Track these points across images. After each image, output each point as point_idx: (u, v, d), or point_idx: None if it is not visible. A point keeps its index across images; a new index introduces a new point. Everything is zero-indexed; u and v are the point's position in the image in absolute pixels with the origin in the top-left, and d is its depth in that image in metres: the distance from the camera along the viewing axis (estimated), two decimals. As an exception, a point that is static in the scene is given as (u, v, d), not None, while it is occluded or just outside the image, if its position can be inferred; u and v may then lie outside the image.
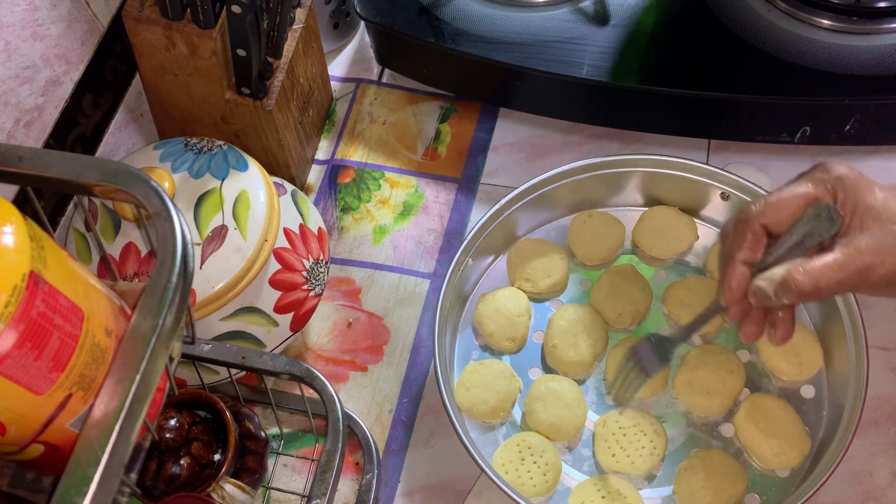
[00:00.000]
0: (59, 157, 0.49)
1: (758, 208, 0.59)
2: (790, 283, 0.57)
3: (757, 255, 0.59)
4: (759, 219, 0.59)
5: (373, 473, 0.76)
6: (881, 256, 0.56)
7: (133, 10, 0.74)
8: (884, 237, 0.56)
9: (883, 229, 0.56)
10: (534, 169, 0.86)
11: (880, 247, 0.56)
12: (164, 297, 0.45)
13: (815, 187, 0.58)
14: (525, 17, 0.88)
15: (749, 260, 0.60)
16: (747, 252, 0.59)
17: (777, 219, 0.59)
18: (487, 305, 0.80)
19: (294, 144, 0.86)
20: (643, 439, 0.74)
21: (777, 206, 0.58)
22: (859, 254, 0.56)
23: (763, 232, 0.59)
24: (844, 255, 0.56)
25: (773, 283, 0.57)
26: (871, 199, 0.57)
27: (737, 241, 0.60)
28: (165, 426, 0.63)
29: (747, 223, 0.59)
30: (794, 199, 0.58)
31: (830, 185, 0.58)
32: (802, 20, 0.84)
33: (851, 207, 0.57)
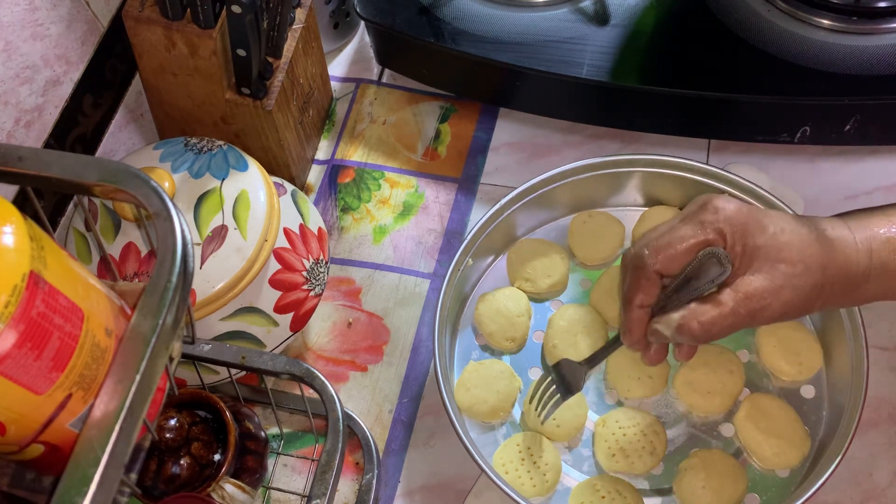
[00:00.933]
0: (58, 157, 0.49)
1: (649, 254, 0.61)
2: (685, 330, 0.60)
3: (652, 299, 0.62)
4: (652, 266, 0.61)
5: (373, 473, 0.76)
6: (769, 298, 0.58)
7: (133, 10, 0.74)
8: (771, 279, 0.58)
9: (771, 271, 0.58)
10: (534, 169, 0.86)
11: (768, 290, 0.58)
12: (164, 297, 0.45)
13: (703, 232, 0.60)
14: (525, 17, 0.88)
15: (646, 304, 0.62)
16: (642, 296, 0.62)
17: (669, 265, 0.61)
18: (487, 305, 0.80)
19: (294, 144, 0.86)
20: (643, 439, 0.74)
21: (667, 252, 0.60)
22: (748, 299, 0.58)
23: (657, 276, 0.61)
24: (734, 300, 0.59)
25: (671, 328, 0.61)
26: (761, 237, 0.59)
27: (633, 286, 0.62)
28: (165, 426, 0.63)
29: (642, 270, 0.61)
30: (683, 244, 0.60)
31: (719, 227, 0.59)
32: (802, 20, 0.84)
33: (741, 249, 0.59)
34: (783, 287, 0.58)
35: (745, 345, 0.79)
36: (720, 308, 0.59)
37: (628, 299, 0.63)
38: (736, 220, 0.59)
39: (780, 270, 0.58)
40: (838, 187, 0.87)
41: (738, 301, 0.58)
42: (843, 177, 0.88)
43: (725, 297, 0.59)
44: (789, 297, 0.58)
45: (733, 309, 0.58)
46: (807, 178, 0.88)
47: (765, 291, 0.58)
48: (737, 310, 0.58)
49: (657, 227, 0.62)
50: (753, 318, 0.59)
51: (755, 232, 0.59)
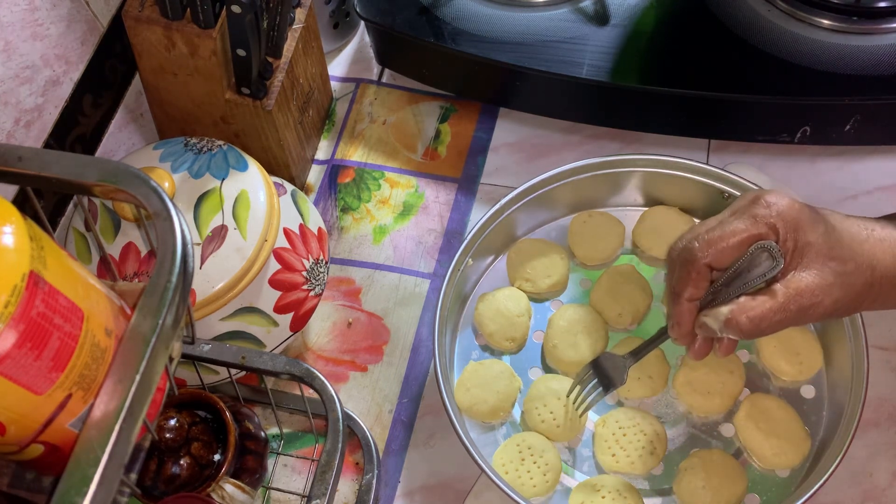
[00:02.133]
0: (58, 157, 0.49)
1: (700, 247, 0.60)
2: (734, 325, 0.59)
3: (701, 293, 0.62)
4: (703, 259, 0.60)
5: (373, 473, 0.76)
6: (820, 296, 0.58)
7: (133, 10, 0.74)
8: (823, 276, 0.58)
9: (822, 268, 0.58)
10: (534, 169, 0.86)
11: (819, 286, 0.58)
12: (164, 297, 0.45)
13: (755, 226, 0.59)
14: (525, 17, 0.88)
15: (694, 297, 0.62)
16: (692, 290, 0.62)
17: (719, 258, 0.60)
18: (487, 305, 0.80)
19: (294, 144, 0.86)
20: (643, 439, 0.74)
21: (718, 245, 0.60)
22: (799, 295, 0.58)
23: (707, 270, 0.61)
24: (785, 296, 0.58)
25: (719, 321, 0.60)
26: (812, 235, 0.58)
27: (682, 279, 0.62)
28: (165, 426, 0.63)
29: (692, 263, 0.61)
30: (735, 238, 0.59)
31: (772, 221, 0.59)
32: (802, 20, 0.84)
33: (792, 245, 0.59)
34: (834, 284, 0.58)
35: (745, 345, 0.79)
36: (770, 303, 0.58)
37: (677, 292, 0.62)
38: (788, 215, 0.59)
39: (832, 268, 0.58)
40: (838, 187, 0.87)
41: (788, 297, 0.58)
42: (843, 177, 0.88)
43: (776, 292, 0.58)
44: (840, 296, 0.58)
45: (783, 305, 0.58)
46: (807, 178, 0.88)
47: (816, 288, 0.58)
48: (787, 306, 0.58)
49: (706, 222, 0.62)
50: (803, 315, 0.58)
51: (807, 228, 0.58)
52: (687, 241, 0.61)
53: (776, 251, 0.58)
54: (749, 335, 0.60)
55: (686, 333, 0.63)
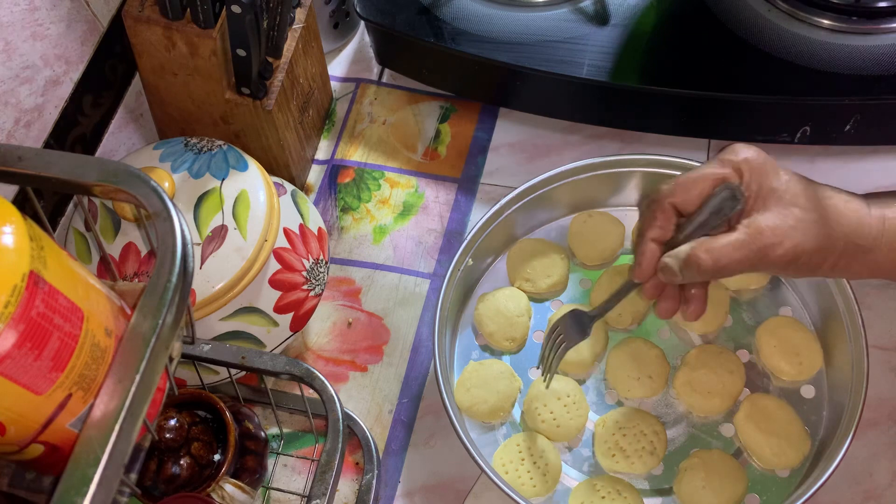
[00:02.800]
0: (58, 157, 0.49)
1: (668, 188, 0.61)
2: (693, 261, 0.59)
3: (667, 234, 0.62)
4: (669, 198, 0.61)
5: (373, 473, 0.76)
6: (780, 236, 0.58)
7: (133, 10, 0.74)
8: (783, 218, 0.58)
9: (783, 210, 0.58)
10: (534, 169, 0.86)
11: (780, 227, 0.58)
12: (164, 297, 0.45)
13: (721, 168, 0.60)
14: (525, 17, 0.88)
15: (659, 238, 0.62)
16: (657, 230, 0.62)
17: (686, 198, 0.60)
18: (487, 305, 0.80)
19: (294, 144, 0.86)
20: (643, 439, 0.74)
21: (686, 185, 0.60)
22: (759, 233, 0.58)
23: (673, 211, 0.61)
24: (745, 234, 0.58)
25: (679, 260, 0.60)
26: (776, 181, 0.59)
27: (648, 220, 0.62)
28: (165, 426, 0.64)
29: (658, 203, 0.61)
30: (702, 179, 0.60)
31: (737, 165, 0.60)
32: (802, 20, 0.84)
33: (756, 188, 0.59)
34: (795, 227, 0.58)
35: (745, 345, 0.79)
36: (730, 238, 0.58)
37: (642, 232, 0.62)
38: (754, 161, 0.59)
39: (794, 213, 0.58)
40: (838, 187, 0.87)
41: (749, 234, 0.58)
42: (843, 177, 0.88)
43: (737, 230, 0.59)
44: (800, 240, 0.58)
45: (744, 242, 0.58)
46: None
47: (776, 228, 0.58)
48: (748, 243, 0.58)
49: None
50: (764, 255, 0.58)
51: (771, 175, 0.59)
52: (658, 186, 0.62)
53: (738, 191, 0.59)
54: (709, 274, 0.59)
55: (648, 275, 0.63)
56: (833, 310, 0.75)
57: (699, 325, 0.79)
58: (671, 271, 0.60)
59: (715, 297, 0.79)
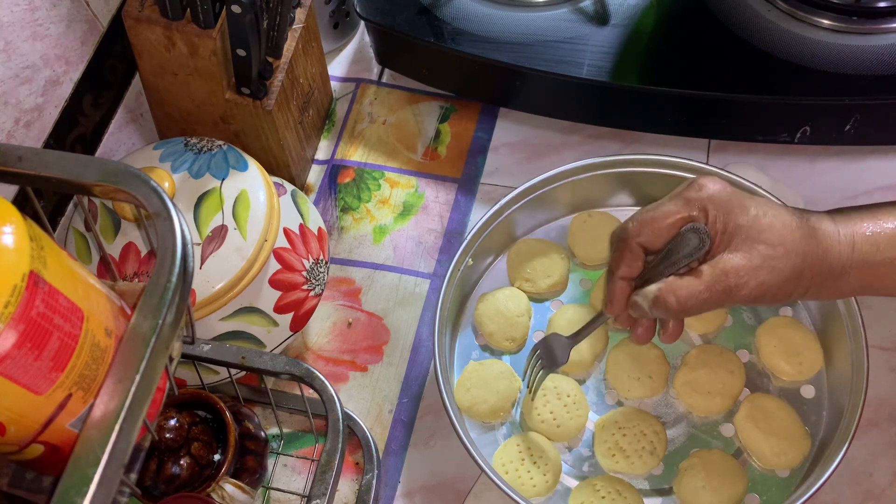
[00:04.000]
0: (58, 157, 0.49)
1: (633, 227, 0.62)
2: (661, 302, 0.60)
3: (635, 271, 0.63)
4: (635, 238, 0.62)
5: (373, 473, 0.76)
6: (745, 277, 0.59)
7: (133, 10, 0.74)
8: (749, 259, 0.59)
9: (749, 251, 0.59)
10: (534, 169, 0.86)
11: (745, 268, 0.59)
12: (164, 297, 0.45)
13: (687, 207, 0.61)
14: (525, 17, 0.88)
15: (627, 276, 0.63)
16: (625, 269, 0.63)
17: (651, 238, 0.61)
18: (487, 305, 0.80)
19: (294, 144, 0.86)
20: (643, 439, 0.74)
21: (651, 226, 0.61)
22: (724, 275, 0.59)
23: (640, 249, 0.62)
24: (711, 276, 0.59)
25: (648, 300, 0.61)
26: (743, 217, 0.59)
27: (616, 259, 0.63)
28: (165, 426, 0.64)
29: (624, 242, 0.62)
30: (667, 219, 0.61)
31: (702, 204, 0.60)
32: (802, 20, 0.84)
33: (722, 227, 0.60)
34: (761, 267, 0.58)
35: (745, 345, 0.79)
36: (696, 283, 0.59)
37: (612, 271, 0.64)
38: (719, 198, 0.60)
39: (759, 251, 0.59)
40: (838, 187, 0.87)
41: (715, 276, 0.59)
42: (843, 177, 0.88)
43: (703, 271, 0.59)
44: (766, 278, 0.59)
45: (709, 284, 0.59)
46: (807, 178, 0.88)
47: (741, 269, 0.58)
48: (713, 285, 0.59)
49: (647, 206, 0.63)
50: (729, 296, 0.59)
51: (737, 211, 0.59)
52: (624, 222, 0.63)
53: (704, 232, 0.60)
54: (676, 314, 0.61)
55: (619, 311, 0.64)
56: (833, 310, 0.75)
57: (699, 325, 0.79)
58: (641, 309, 0.62)
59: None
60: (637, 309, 0.63)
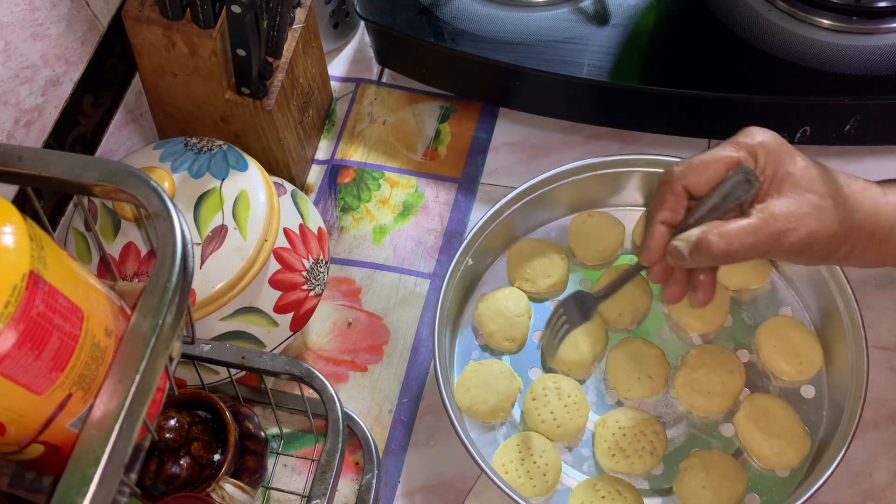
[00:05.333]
0: (58, 157, 0.49)
1: (680, 170, 0.59)
2: (704, 245, 0.57)
3: (677, 216, 0.60)
4: (681, 180, 0.59)
5: (373, 473, 0.76)
6: (794, 223, 0.56)
7: (133, 10, 0.74)
8: (799, 204, 0.57)
9: (799, 197, 0.57)
10: (534, 169, 0.86)
11: (794, 213, 0.57)
12: (164, 297, 0.45)
13: (736, 151, 0.58)
14: (525, 17, 0.88)
15: (669, 220, 0.60)
16: (667, 213, 0.60)
17: (698, 180, 0.59)
18: (487, 305, 0.80)
19: (294, 144, 0.86)
20: (643, 439, 0.74)
21: (698, 168, 0.59)
22: (773, 219, 0.56)
23: (684, 193, 0.59)
24: (759, 219, 0.57)
25: (689, 243, 0.58)
26: (792, 166, 0.58)
27: (658, 202, 0.60)
28: (165, 426, 0.63)
29: (669, 184, 0.60)
30: (716, 162, 0.58)
31: (752, 149, 0.58)
32: (802, 20, 0.84)
33: (771, 173, 0.58)
34: (809, 214, 0.56)
35: (745, 345, 0.79)
36: (743, 223, 0.57)
37: (652, 215, 0.61)
38: (770, 144, 0.58)
39: (809, 199, 0.57)
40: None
41: (762, 219, 0.56)
42: (843, 177, 0.88)
43: (750, 214, 0.57)
44: (815, 227, 0.56)
45: (757, 226, 0.56)
46: (807, 178, 0.88)
47: (791, 214, 0.56)
48: (760, 228, 0.56)
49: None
50: (777, 240, 0.56)
51: (787, 159, 0.58)
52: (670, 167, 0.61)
53: (753, 175, 0.58)
54: (720, 259, 0.57)
55: (657, 258, 0.61)
56: (833, 310, 0.75)
57: (699, 325, 0.79)
58: (680, 255, 0.59)
59: (715, 297, 0.79)
60: (676, 255, 0.59)
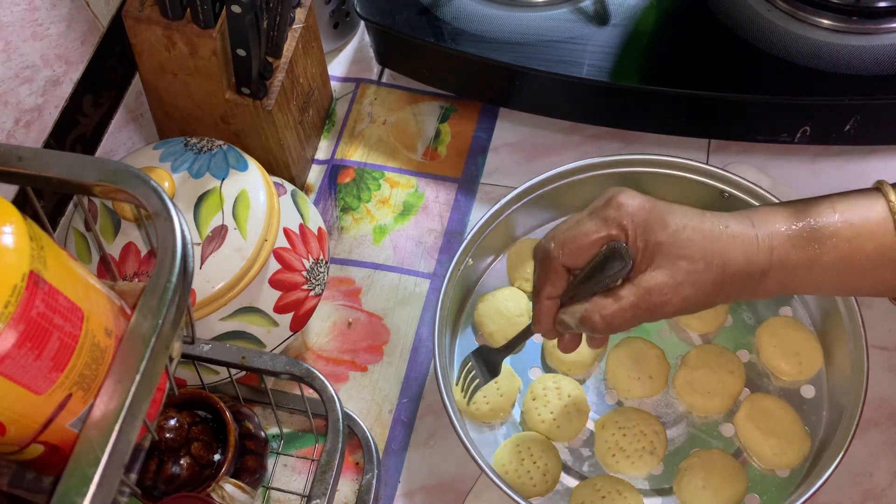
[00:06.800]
0: (58, 157, 0.49)
1: (555, 248, 0.62)
2: (588, 322, 0.61)
3: (559, 290, 0.63)
4: (558, 259, 0.62)
5: (373, 473, 0.76)
6: (668, 294, 0.59)
7: (133, 10, 0.74)
8: (672, 275, 0.59)
9: (672, 266, 0.59)
10: (534, 169, 0.86)
11: (667, 285, 0.59)
12: (164, 297, 0.45)
13: (605, 226, 0.61)
14: (525, 17, 0.88)
15: (552, 295, 0.64)
16: (549, 288, 0.63)
17: (573, 258, 0.62)
18: (487, 305, 0.80)
19: (294, 144, 0.86)
20: (643, 439, 0.74)
21: (572, 246, 0.61)
22: (648, 294, 0.59)
23: (563, 269, 0.62)
24: (635, 295, 0.60)
25: (575, 319, 0.62)
26: (662, 234, 0.59)
27: (540, 278, 0.64)
28: (165, 426, 0.63)
29: (548, 262, 0.63)
30: (587, 239, 0.61)
31: (621, 222, 0.60)
32: (802, 20, 0.84)
33: (642, 245, 0.60)
34: (683, 283, 0.59)
35: (745, 345, 0.79)
36: (621, 302, 0.60)
37: (537, 290, 0.64)
38: (638, 216, 0.60)
39: (681, 267, 0.59)
40: (838, 187, 0.87)
41: (638, 296, 0.59)
42: (843, 177, 0.88)
43: (626, 291, 0.60)
44: (689, 293, 0.59)
45: (634, 303, 0.59)
46: (807, 178, 0.88)
47: (664, 287, 0.59)
48: (637, 304, 0.59)
49: (565, 221, 0.63)
50: (654, 313, 0.60)
51: (656, 229, 0.59)
52: (545, 240, 0.63)
53: (625, 251, 0.60)
54: (604, 332, 0.62)
55: (547, 330, 0.65)
56: (833, 310, 0.75)
57: (699, 325, 0.79)
58: (568, 327, 0.63)
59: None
60: (565, 327, 0.63)
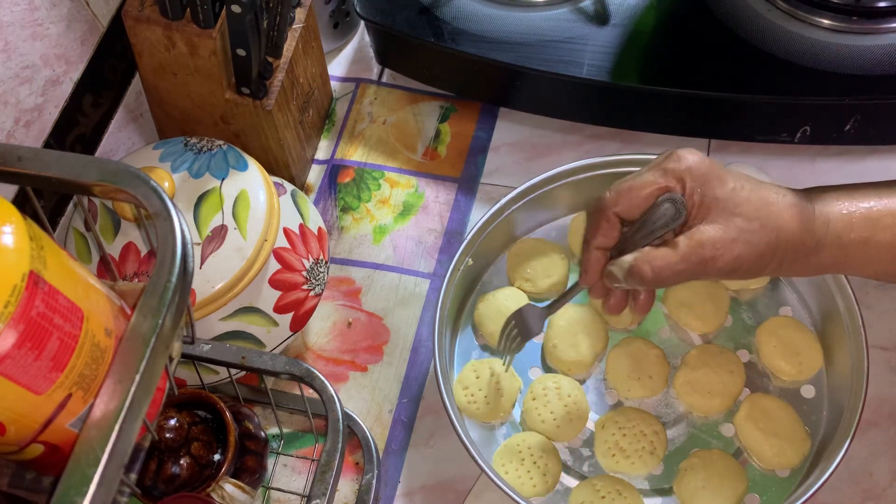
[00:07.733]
0: (58, 156, 0.49)
1: (611, 197, 0.61)
2: (636, 272, 0.60)
3: (611, 241, 0.62)
4: (612, 207, 0.61)
5: (373, 473, 0.76)
6: (721, 249, 0.58)
7: (133, 9, 0.74)
8: (725, 230, 0.58)
9: (725, 222, 0.59)
10: (534, 169, 0.86)
11: (721, 240, 0.58)
12: (164, 297, 0.45)
13: (664, 178, 0.60)
14: (525, 17, 0.88)
15: (603, 245, 0.63)
16: (601, 238, 0.62)
17: (628, 207, 0.61)
18: (487, 305, 0.80)
19: (294, 144, 0.86)
20: (643, 439, 0.74)
21: (628, 195, 0.61)
22: (700, 246, 0.58)
23: (616, 219, 0.62)
24: (687, 247, 0.59)
25: (623, 270, 0.61)
26: (720, 190, 0.59)
27: (592, 228, 0.63)
28: (165, 426, 0.63)
29: (602, 211, 0.62)
30: (644, 189, 0.60)
31: (679, 175, 0.60)
32: (802, 20, 0.84)
33: (699, 198, 0.59)
34: (736, 240, 0.58)
35: (745, 345, 0.79)
36: (672, 253, 0.59)
37: (587, 240, 0.63)
38: (697, 169, 0.59)
39: (736, 224, 0.58)
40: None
41: (690, 247, 0.59)
42: (843, 177, 0.88)
43: (679, 242, 0.59)
44: (741, 251, 0.58)
45: (685, 255, 0.59)
46: (807, 178, 0.88)
47: (718, 241, 0.58)
48: (688, 256, 0.59)
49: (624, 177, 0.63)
50: (704, 268, 0.59)
51: (714, 183, 0.59)
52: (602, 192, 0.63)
53: (680, 203, 0.59)
54: (651, 284, 0.60)
55: (594, 281, 0.64)
56: (833, 310, 0.75)
57: (699, 325, 0.79)
58: (615, 279, 0.62)
59: (715, 297, 0.79)
60: (612, 279, 0.62)
